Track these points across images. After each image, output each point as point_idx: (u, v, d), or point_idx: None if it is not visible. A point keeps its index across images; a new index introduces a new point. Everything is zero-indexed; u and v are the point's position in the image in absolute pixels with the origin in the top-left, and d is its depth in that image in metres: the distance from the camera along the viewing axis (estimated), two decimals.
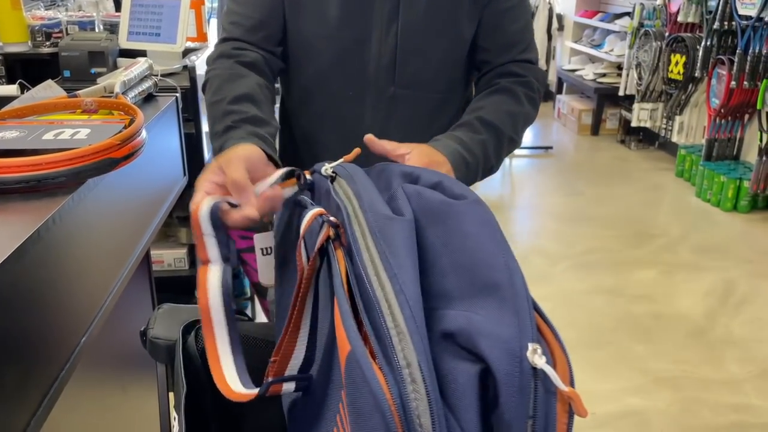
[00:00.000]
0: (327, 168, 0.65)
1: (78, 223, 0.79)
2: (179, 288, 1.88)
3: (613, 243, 3.11)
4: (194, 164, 1.78)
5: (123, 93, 1.11)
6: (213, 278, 0.63)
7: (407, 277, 0.46)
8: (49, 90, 1.17)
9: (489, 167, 0.92)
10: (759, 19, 3.23)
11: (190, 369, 0.74)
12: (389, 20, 0.95)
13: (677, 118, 4.05)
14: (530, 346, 0.39)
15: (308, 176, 0.70)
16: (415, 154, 0.77)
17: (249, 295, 2.20)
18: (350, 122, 1.01)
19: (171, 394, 0.79)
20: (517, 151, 4.70)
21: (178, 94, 1.29)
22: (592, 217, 3.44)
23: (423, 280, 0.47)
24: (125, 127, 0.92)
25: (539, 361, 0.38)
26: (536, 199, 3.84)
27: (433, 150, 0.81)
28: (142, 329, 0.83)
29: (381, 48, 0.96)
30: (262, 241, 0.75)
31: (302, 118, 1.07)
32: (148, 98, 1.27)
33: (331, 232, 0.54)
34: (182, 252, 1.84)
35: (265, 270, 0.76)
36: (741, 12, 3.37)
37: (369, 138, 0.78)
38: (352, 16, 0.95)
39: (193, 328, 0.78)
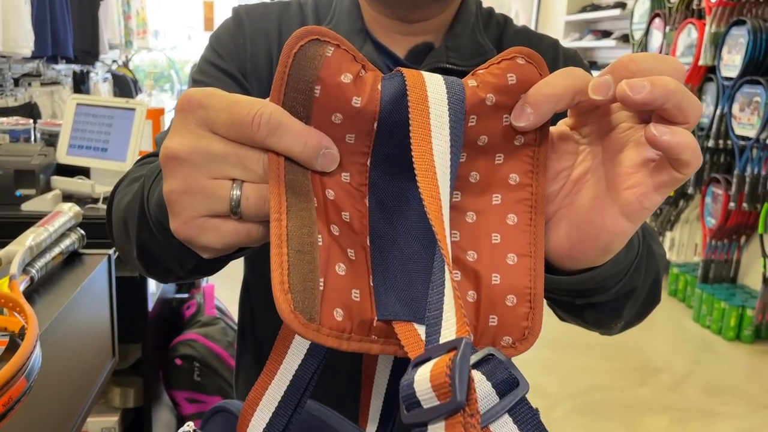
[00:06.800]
0: None
1: None
2: None
3: (615, 380, 2.80)
4: (137, 314, 1.43)
5: (25, 268, 0.77)
6: None
7: None
8: None
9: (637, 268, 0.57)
10: (757, 140, 3.11)
11: None
12: None
13: (668, 234, 3.86)
14: None
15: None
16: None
17: None
18: None
19: None
20: None
21: (111, 251, 0.96)
22: (588, 345, 3.13)
23: None
24: (14, 337, 0.59)
25: None
26: None
27: None
28: None
29: None
30: None
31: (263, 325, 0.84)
32: (73, 256, 0.94)
33: None
34: (113, 420, 1.45)
35: None
36: (738, 132, 3.25)
37: None
38: None
39: None
